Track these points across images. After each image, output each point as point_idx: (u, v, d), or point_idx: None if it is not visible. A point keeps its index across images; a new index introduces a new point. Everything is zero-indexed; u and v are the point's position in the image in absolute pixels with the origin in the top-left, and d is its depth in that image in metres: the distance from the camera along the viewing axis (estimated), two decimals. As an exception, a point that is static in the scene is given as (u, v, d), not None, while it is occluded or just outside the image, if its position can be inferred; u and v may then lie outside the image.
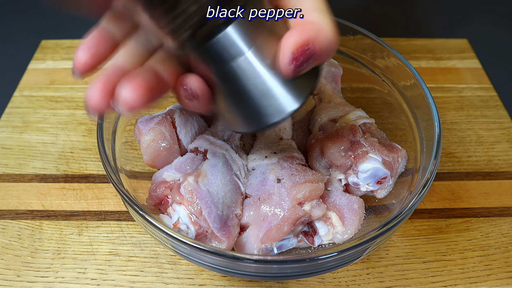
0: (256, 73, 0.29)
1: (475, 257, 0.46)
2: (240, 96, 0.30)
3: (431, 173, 0.38)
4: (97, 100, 0.27)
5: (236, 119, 0.31)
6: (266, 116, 0.29)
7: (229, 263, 0.34)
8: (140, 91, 0.26)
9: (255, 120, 0.30)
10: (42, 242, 0.46)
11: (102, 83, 0.27)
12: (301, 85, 0.29)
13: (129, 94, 0.26)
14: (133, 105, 0.26)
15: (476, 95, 0.63)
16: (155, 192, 0.40)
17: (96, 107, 0.27)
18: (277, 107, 0.29)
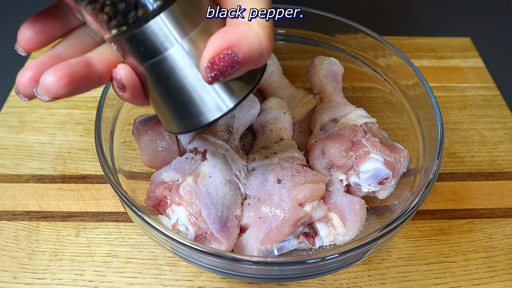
0: (187, 67, 0.27)
1: (478, 258, 0.46)
2: (170, 92, 0.29)
3: (433, 174, 0.38)
4: (26, 83, 0.27)
5: (169, 117, 0.30)
6: (200, 114, 0.29)
7: (228, 265, 0.34)
8: (64, 80, 0.26)
9: (189, 119, 0.29)
10: (39, 243, 0.46)
11: (33, 68, 0.27)
12: (231, 90, 0.28)
13: (51, 81, 0.26)
14: (54, 93, 0.26)
15: (479, 94, 0.63)
16: (153, 193, 0.40)
17: (24, 91, 0.27)
18: (212, 104, 0.28)
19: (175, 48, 0.27)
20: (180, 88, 0.28)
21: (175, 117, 0.30)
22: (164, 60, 0.27)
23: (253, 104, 0.46)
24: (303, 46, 0.56)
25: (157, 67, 0.28)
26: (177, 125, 0.30)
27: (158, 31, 0.27)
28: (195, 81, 0.28)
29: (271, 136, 0.46)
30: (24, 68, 0.28)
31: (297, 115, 0.50)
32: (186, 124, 0.30)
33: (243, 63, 0.26)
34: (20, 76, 0.27)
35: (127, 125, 0.47)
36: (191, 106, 0.29)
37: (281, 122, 0.47)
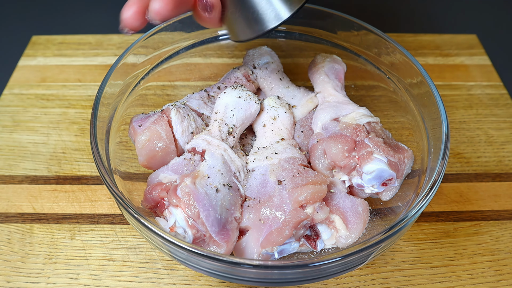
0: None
1: (484, 262, 0.46)
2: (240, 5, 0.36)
3: (438, 175, 0.38)
4: (133, 17, 0.34)
5: (238, 27, 0.38)
6: (263, 21, 0.36)
7: (228, 268, 0.34)
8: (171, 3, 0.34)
9: (254, 27, 0.37)
10: (32, 246, 0.46)
11: (137, 4, 0.35)
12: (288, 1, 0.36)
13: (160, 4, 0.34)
14: (164, 14, 0.34)
15: (485, 93, 0.63)
16: (150, 194, 0.40)
17: (132, 23, 0.35)
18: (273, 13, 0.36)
19: None
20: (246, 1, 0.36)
21: (241, 27, 0.38)
22: None
23: (252, 103, 0.46)
24: (305, 43, 0.56)
25: None
26: (244, 33, 0.38)
27: None
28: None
29: (271, 136, 0.46)
30: (127, 5, 0.35)
31: (298, 114, 0.50)
32: (253, 30, 0.38)
33: None
34: (125, 12, 0.35)
35: (123, 124, 0.47)
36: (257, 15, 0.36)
37: (281, 121, 0.47)
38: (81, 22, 0.75)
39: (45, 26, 0.74)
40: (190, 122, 0.45)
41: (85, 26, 0.74)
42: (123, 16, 0.35)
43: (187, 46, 0.53)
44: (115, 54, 0.67)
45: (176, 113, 0.44)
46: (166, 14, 0.34)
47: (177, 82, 0.55)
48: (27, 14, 0.77)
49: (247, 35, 0.38)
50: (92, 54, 0.67)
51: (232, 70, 0.53)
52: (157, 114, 0.44)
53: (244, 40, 0.39)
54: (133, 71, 0.49)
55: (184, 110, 0.45)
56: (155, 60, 0.51)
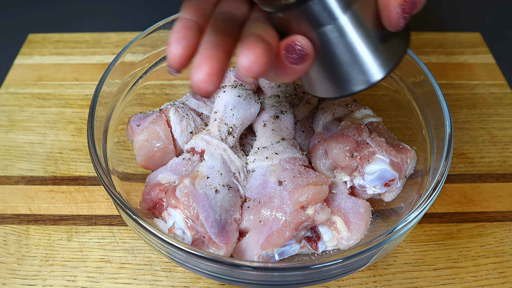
0: (348, 39, 0.30)
1: (488, 264, 0.46)
2: (329, 61, 0.31)
3: (442, 175, 0.38)
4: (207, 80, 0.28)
5: (321, 84, 0.33)
6: (350, 83, 0.32)
7: (227, 270, 0.34)
8: (261, 54, 0.27)
9: (338, 86, 0.32)
10: (29, 248, 0.46)
11: (206, 62, 0.28)
12: (391, 51, 0.32)
13: (252, 61, 0.27)
14: (258, 70, 0.27)
15: (489, 92, 0.63)
16: (149, 195, 0.40)
17: (207, 88, 0.28)
18: (364, 74, 0.31)
19: (344, 17, 0.30)
20: (339, 56, 0.31)
21: (327, 83, 0.33)
22: (332, 29, 0.30)
23: (252, 103, 0.46)
24: (305, 41, 0.56)
25: (323, 36, 0.31)
26: (327, 91, 0.33)
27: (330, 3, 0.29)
28: (355, 49, 0.31)
29: (272, 136, 0.46)
30: (197, 66, 0.28)
31: (299, 114, 0.50)
32: (337, 90, 0.33)
33: (418, 5, 0.30)
34: (196, 76, 0.28)
35: (121, 124, 0.47)
36: (346, 74, 0.32)
37: (282, 121, 0.47)
38: (78, 20, 0.75)
39: (42, 24, 0.74)
40: (189, 121, 0.45)
41: (82, 24, 0.74)
42: (193, 79, 0.28)
43: (186, 45, 0.53)
44: (112, 53, 0.67)
45: (174, 112, 0.44)
46: (260, 69, 0.27)
47: (175, 81, 0.55)
48: (23, 12, 0.77)
49: (328, 93, 0.33)
50: (89, 53, 0.67)
51: (232, 68, 0.52)
52: (156, 114, 0.44)
53: (322, 97, 0.35)
54: (131, 70, 0.49)
55: (183, 109, 0.45)
56: (153, 58, 0.51)
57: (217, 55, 0.28)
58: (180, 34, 0.30)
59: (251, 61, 0.27)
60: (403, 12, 0.29)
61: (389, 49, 0.32)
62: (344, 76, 0.32)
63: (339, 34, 0.30)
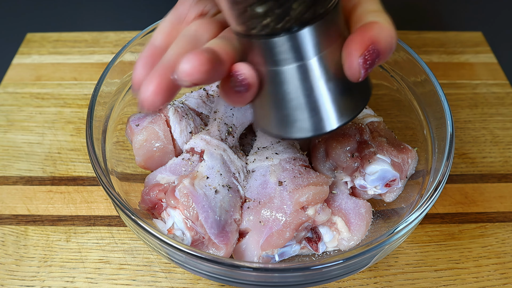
0: (313, 82, 0.29)
1: (490, 265, 0.46)
2: (284, 99, 0.31)
3: (443, 175, 0.38)
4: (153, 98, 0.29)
5: (270, 120, 0.32)
6: (301, 127, 0.31)
7: (227, 271, 0.34)
8: (205, 62, 0.27)
9: (291, 128, 0.31)
10: (27, 249, 0.46)
11: (156, 82, 0.29)
12: (351, 102, 0.31)
13: (193, 65, 0.27)
14: (196, 76, 0.27)
15: (491, 91, 0.63)
16: (148, 196, 0.40)
17: (152, 103, 0.29)
18: (317, 121, 0.30)
19: (314, 59, 0.29)
20: (296, 98, 0.30)
21: (280, 122, 0.32)
22: (293, 70, 0.29)
23: (253, 102, 0.46)
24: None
25: (283, 74, 0.30)
26: (277, 129, 0.33)
27: (301, 41, 0.28)
28: (314, 95, 0.30)
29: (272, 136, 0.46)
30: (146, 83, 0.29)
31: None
32: (291, 131, 0.32)
33: (382, 57, 0.29)
34: (143, 91, 0.29)
35: (120, 124, 0.47)
36: (298, 117, 0.31)
37: (282, 121, 0.47)
38: (77, 19, 0.75)
39: (40, 23, 0.74)
40: (188, 121, 0.45)
41: (81, 23, 0.74)
42: (141, 96, 0.29)
43: (185, 44, 0.53)
44: (112, 52, 0.67)
45: (174, 112, 0.44)
46: (199, 77, 0.27)
47: (175, 80, 0.55)
48: (22, 10, 0.77)
49: (276, 131, 0.33)
50: (88, 52, 0.67)
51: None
52: (155, 114, 0.44)
53: (270, 134, 0.34)
54: (130, 69, 0.48)
55: (182, 109, 0.45)
56: (152, 58, 0.51)
57: (166, 74, 0.29)
58: (145, 60, 0.32)
59: (192, 66, 0.27)
60: (364, 63, 0.29)
61: (350, 100, 0.31)
62: (296, 119, 0.31)
63: (302, 75, 0.29)
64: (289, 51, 0.29)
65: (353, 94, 0.31)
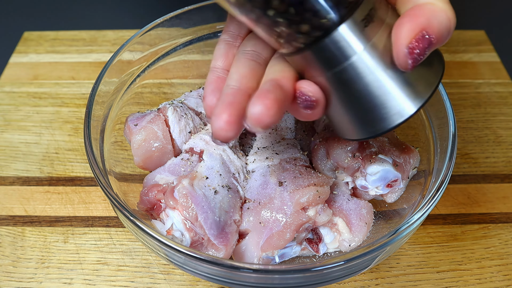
0: (371, 74, 0.29)
1: (493, 266, 0.46)
2: (352, 100, 0.30)
3: (445, 176, 0.38)
4: (227, 128, 0.28)
5: (348, 125, 0.32)
6: (381, 120, 0.30)
7: (227, 273, 0.34)
8: (274, 108, 0.27)
9: (370, 126, 0.30)
10: (24, 250, 0.46)
11: (228, 112, 0.28)
12: (423, 81, 0.29)
13: (262, 111, 0.27)
14: (267, 122, 0.27)
15: (494, 91, 0.63)
16: (147, 196, 0.40)
17: (226, 135, 0.28)
18: (394, 110, 0.29)
19: (363, 52, 0.28)
20: (362, 95, 0.29)
21: (355, 124, 0.31)
22: (352, 66, 0.29)
23: (253, 102, 0.46)
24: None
25: (340, 75, 0.29)
26: (357, 132, 0.31)
27: (349, 36, 0.28)
28: (378, 86, 0.29)
29: (272, 136, 0.46)
30: (217, 113, 0.28)
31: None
32: (368, 131, 0.31)
33: (435, 43, 0.27)
34: (215, 124, 0.28)
35: (119, 123, 0.47)
36: (373, 112, 0.30)
37: (282, 120, 0.47)
38: (75, 17, 0.75)
39: (37, 21, 0.74)
40: (187, 121, 0.45)
41: (79, 21, 0.74)
42: (213, 127, 0.28)
43: (184, 43, 0.53)
44: (110, 51, 0.67)
45: (173, 111, 0.44)
46: (269, 120, 0.27)
47: (174, 79, 0.55)
48: (19, 9, 0.77)
49: (359, 134, 0.31)
50: (86, 51, 0.67)
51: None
52: (154, 113, 0.44)
53: (354, 139, 0.33)
54: (129, 69, 0.49)
55: (181, 108, 0.45)
56: (151, 57, 0.51)
57: (237, 101, 0.29)
58: (213, 86, 0.32)
59: (261, 112, 0.27)
60: (412, 52, 0.27)
61: (419, 79, 0.29)
62: (371, 115, 0.30)
63: (357, 71, 0.29)
64: (338, 50, 0.28)
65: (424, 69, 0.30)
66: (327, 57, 0.29)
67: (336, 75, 0.29)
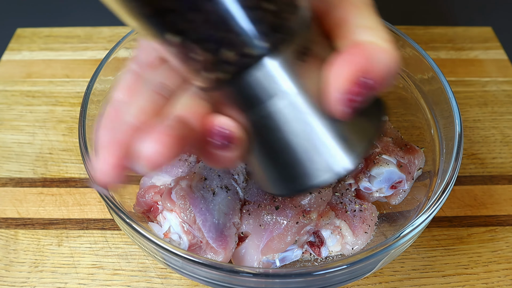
0: (298, 119, 0.25)
1: (500, 270, 0.46)
2: (275, 149, 0.27)
3: (451, 177, 0.38)
4: (109, 171, 0.25)
5: (269, 178, 0.28)
6: (306, 175, 0.26)
7: (226, 277, 0.34)
8: (168, 141, 0.24)
9: (292, 180, 0.27)
10: (17, 253, 0.46)
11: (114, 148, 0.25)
12: (359, 131, 0.26)
13: (156, 149, 0.24)
14: (159, 161, 0.24)
15: (501, 89, 0.63)
16: (143, 198, 0.40)
17: (107, 180, 0.25)
18: (321, 165, 0.26)
19: (292, 91, 0.25)
20: (287, 143, 0.26)
21: (277, 177, 0.28)
22: (273, 110, 0.25)
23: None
24: (308, 36, 0.56)
25: (262, 118, 0.26)
26: (278, 187, 0.28)
27: (269, 76, 0.24)
28: (305, 134, 0.26)
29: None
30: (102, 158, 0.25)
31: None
32: (290, 186, 0.28)
33: (375, 88, 0.24)
34: (100, 164, 0.25)
35: (114, 123, 0.47)
36: (298, 166, 0.26)
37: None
38: (69, 13, 0.75)
39: (31, 17, 0.74)
40: (185, 120, 0.45)
41: (73, 17, 0.74)
42: (97, 169, 0.25)
43: (182, 40, 0.53)
44: (105, 48, 0.67)
45: (170, 111, 0.44)
46: (164, 160, 0.24)
47: (171, 78, 0.55)
48: (11, 5, 0.77)
49: (280, 189, 0.28)
50: (81, 48, 0.67)
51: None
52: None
53: (278, 194, 0.30)
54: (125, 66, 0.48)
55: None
56: (148, 54, 0.51)
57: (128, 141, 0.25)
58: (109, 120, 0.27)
59: (155, 150, 0.24)
60: (347, 99, 0.24)
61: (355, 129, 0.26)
62: (296, 168, 0.26)
63: (283, 115, 0.25)
64: (263, 88, 0.25)
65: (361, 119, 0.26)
66: (249, 95, 0.25)
67: (258, 117, 0.26)
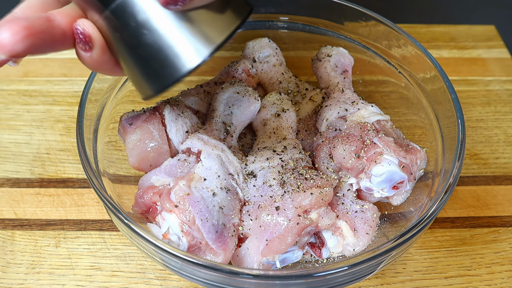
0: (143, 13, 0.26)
1: (503, 271, 0.46)
2: (132, 46, 0.28)
3: (453, 177, 0.38)
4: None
5: (140, 79, 0.29)
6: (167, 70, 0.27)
7: (225, 278, 0.34)
8: (21, 34, 0.27)
9: (157, 78, 0.28)
10: (14, 254, 0.46)
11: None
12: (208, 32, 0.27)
13: (7, 35, 0.26)
14: (10, 49, 0.27)
15: (504, 88, 0.63)
16: (142, 199, 0.40)
17: None
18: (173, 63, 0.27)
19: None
20: (144, 37, 0.27)
21: (145, 76, 0.29)
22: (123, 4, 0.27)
23: (252, 100, 0.46)
24: (309, 35, 0.56)
25: (117, 14, 0.27)
26: (148, 87, 0.29)
27: None
28: (160, 24, 0.27)
29: (273, 135, 0.46)
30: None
31: (301, 112, 0.50)
32: (157, 83, 0.29)
33: None
34: None
35: (113, 123, 0.47)
36: (160, 59, 0.27)
37: (283, 119, 0.47)
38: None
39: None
40: (184, 120, 0.45)
41: (71, 16, 0.74)
42: None
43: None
44: (103, 47, 0.67)
45: (169, 110, 0.44)
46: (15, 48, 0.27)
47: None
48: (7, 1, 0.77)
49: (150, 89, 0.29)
50: (78, 47, 0.67)
51: (231, 64, 0.53)
52: (149, 112, 0.44)
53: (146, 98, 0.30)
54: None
55: (178, 107, 0.46)
56: (146, 53, 0.51)
57: None
58: None
59: (5, 37, 0.26)
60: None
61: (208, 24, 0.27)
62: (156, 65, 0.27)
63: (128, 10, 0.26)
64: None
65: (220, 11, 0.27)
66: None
67: (114, 13, 0.27)
